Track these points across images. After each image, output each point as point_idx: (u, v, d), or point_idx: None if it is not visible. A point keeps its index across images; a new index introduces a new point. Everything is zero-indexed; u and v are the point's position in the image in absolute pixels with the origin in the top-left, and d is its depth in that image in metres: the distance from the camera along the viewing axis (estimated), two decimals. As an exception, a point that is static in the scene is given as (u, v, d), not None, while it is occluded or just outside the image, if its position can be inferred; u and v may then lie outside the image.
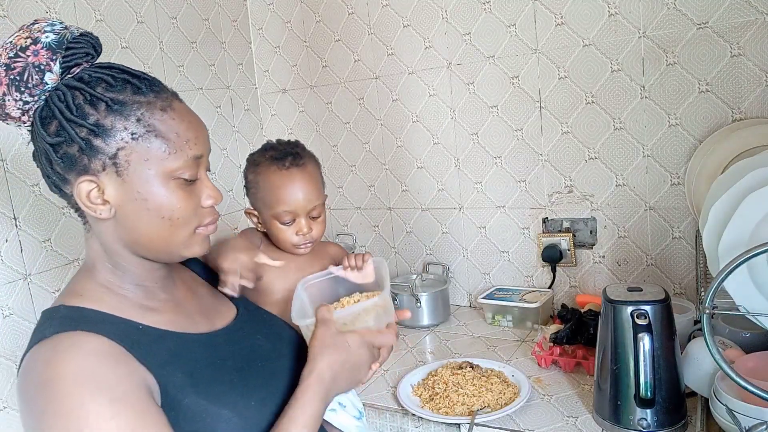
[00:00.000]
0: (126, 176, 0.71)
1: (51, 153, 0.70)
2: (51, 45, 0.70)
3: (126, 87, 0.72)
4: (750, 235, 1.05)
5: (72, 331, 0.68)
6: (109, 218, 0.73)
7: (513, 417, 1.25)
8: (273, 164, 1.12)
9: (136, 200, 0.72)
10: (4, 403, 1.40)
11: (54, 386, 0.64)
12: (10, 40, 0.70)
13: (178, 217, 0.74)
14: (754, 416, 0.99)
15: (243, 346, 0.84)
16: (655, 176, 1.59)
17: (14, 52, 0.69)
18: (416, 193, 2.00)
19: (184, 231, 0.75)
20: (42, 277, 1.48)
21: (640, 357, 1.08)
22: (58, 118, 0.70)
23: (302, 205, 1.10)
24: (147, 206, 0.72)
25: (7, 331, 1.41)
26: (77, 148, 0.70)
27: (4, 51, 0.70)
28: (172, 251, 0.77)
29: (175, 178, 0.73)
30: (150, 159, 0.71)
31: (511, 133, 1.77)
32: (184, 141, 0.74)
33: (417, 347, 1.69)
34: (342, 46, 2.03)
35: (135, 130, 0.70)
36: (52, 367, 0.65)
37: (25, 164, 1.45)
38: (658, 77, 1.53)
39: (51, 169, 0.72)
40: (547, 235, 1.77)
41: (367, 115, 2.03)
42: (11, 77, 0.69)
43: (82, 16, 1.61)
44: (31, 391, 0.66)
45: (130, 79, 0.72)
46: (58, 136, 0.70)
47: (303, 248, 1.13)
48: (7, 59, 0.69)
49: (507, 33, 1.72)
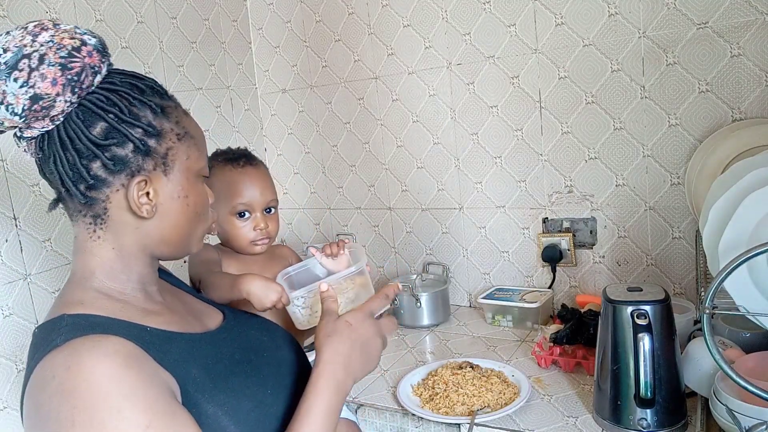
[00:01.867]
0: (171, 175, 0.75)
1: (99, 155, 0.69)
2: (98, 47, 0.69)
3: (154, 93, 0.75)
4: (750, 235, 1.05)
5: (86, 335, 0.65)
6: (149, 217, 0.74)
7: (513, 417, 1.25)
8: (227, 164, 1.18)
9: (179, 197, 0.76)
10: (4, 403, 1.40)
11: (82, 394, 0.60)
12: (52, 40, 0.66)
13: (203, 212, 0.80)
14: (754, 416, 0.99)
15: (244, 341, 0.85)
16: (655, 176, 1.59)
17: (67, 52, 0.66)
18: (416, 193, 2.00)
19: (203, 226, 0.81)
20: (42, 277, 1.48)
21: (640, 357, 1.07)
22: (108, 119, 0.69)
23: (258, 198, 1.15)
24: (187, 202, 0.77)
25: (7, 331, 1.41)
26: (132, 148, 0.71)
27: (50, 50, 0.65)
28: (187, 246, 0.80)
29: (202, 176, 0.80)
30: (190, 157, 0.77)
31: (511, 133, 1.77)
32: (204, 141, 0.80)
33: (417, 347, 1.69)
34: (342, 46, 2.03)
35: (178, 131, 0.76)
36: (76, 374, 0.61)
37: (25, 164, 1.45)
38: (658, 77, 1.53)
39: (88, 174, 0.70)
40: (547, 235, 1.77)
41: (367, 115, 2.03)
42: (68, 77, 0.66)
43: (82, 16, 1.61)
44: (54, 402, 0.60)
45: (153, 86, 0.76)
46: (109, 138, 0.70)
47: (260, 245, 1.17)
48: (59, 59, 0.65)
49: (507, 33, 1.72)
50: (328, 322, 0.83)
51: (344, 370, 0.79)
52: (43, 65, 0.64)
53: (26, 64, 0.64)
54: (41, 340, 0.67)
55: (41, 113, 0.66)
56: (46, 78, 0.64)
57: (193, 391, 0.70)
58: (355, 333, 0.82)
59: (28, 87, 0.64)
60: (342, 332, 0.81)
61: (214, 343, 0.81)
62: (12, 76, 0.63)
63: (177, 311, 0.83)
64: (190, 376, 0.71)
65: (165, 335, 0.74)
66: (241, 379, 0.77)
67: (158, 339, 0.72)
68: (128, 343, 0.66)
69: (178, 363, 0.71)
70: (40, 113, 0.66)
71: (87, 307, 0.71)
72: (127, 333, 0.68)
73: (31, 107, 0.65)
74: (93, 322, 0.68)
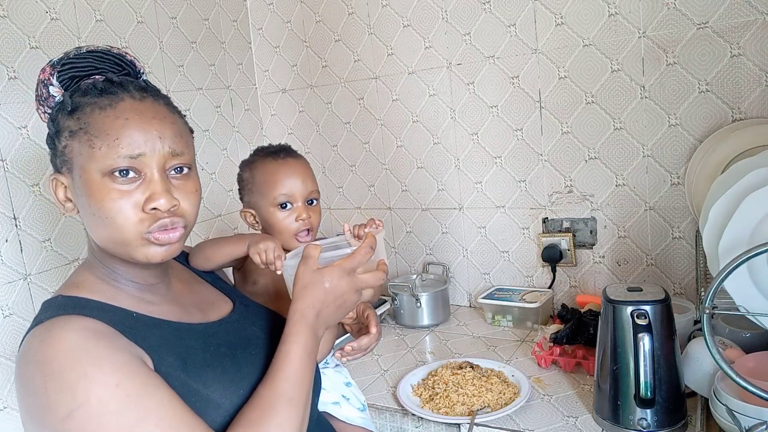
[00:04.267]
0: (74, 172, 0.73)
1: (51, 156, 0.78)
2: (53, 62, 0.77)
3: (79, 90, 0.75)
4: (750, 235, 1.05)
5: (67, 315, 0.70)
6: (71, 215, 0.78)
7: (513, 417, 1.25)
8: (268, 157, 1.17)
9: (81, 197, 0.74)
10: (4, 403, 1.40)
11: (53, 362, 0.65)
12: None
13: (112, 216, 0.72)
14: (754, 416, 0.99)
15: (237, 336, 0.86)
16: (655, 176, 1.59)
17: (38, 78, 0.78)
18: (416, 193, 2.00)
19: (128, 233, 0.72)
20: (42, 277, 1.48)
21: (640, 357, 1.07)
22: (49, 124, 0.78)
23: (300, 189, 1.12)
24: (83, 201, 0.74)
25: (7, 331, 1.41)
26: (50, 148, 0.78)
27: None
28: (126, 252, 0.75)
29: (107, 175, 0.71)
30: (83, 154, 0.72)
31: (511, 133, 1.77)
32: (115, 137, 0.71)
33: (417, 347, 1.69)
34: (342, 46, 2.03)
35: (73, 127, 0.73)
36: (48, 345, 0.66)
37: (25, 164, 1.45)
38: (658, 77, 1.53)
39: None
40: (547, 235, 1.77)
41: (367, 115, 2.03)
42: (35, 96, 0.80)
43: (82, 16, 1.61)
44: (30, 371, 0.66)
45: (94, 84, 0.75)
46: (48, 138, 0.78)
47: (302, 236, 1.13)
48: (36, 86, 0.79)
49: (507, 33, 1.72)
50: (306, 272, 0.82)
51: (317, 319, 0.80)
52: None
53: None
54: (36, 317, 0.74)
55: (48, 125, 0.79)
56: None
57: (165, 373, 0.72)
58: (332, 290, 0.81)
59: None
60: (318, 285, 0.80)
61: (205, 335, 0.82)
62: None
63: (179, 302, 0.85)
64: (165, 361, 0.73)
65: (151, 321, 0.77)
66: (217, 374, 0.77)
67: (141, 324, 0.75)
68: (100, 323, 0.70)
69: (156, 348, 0.73)
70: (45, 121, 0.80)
71: (82, 290, 0.76)
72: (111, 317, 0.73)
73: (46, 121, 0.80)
74: (81, 304, 0.73)
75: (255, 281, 1.12)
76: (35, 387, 0.65)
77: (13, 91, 1.44)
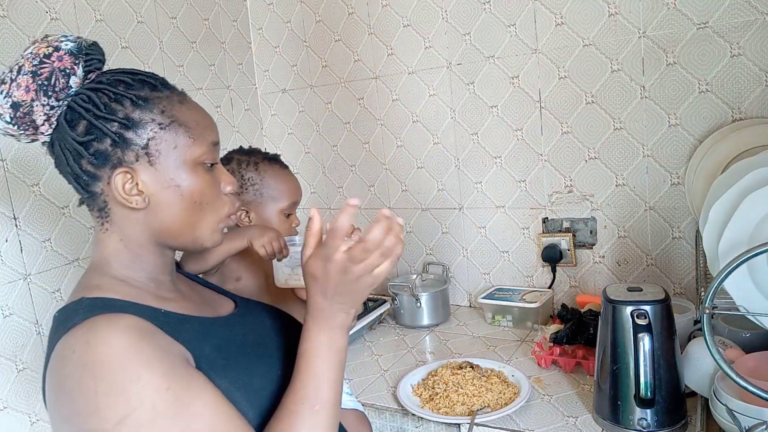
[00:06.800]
0: (158, 165, 0.75)
1: (82, 151, 0.73)
2: (72, 51, 0.74)
3: (144, 85, 0.76)
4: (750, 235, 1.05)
5: (103, 314, 0.68)
6: (142, 208, 0.75)
7: (513, 417, 1.25)
8: (274, 163, 1.24)
9: (170, 187, 0.75)
10: (4, 403, 1.40)
11: (102, 365, 0.63)
12: (30, 51, 0.73)
13: (207, 201, 0.78)
14: (754, 416, 0.99)
15: (256, 326, 0.88)
16: (655, 176, 1.59)
17: (38, 60, 0.72)
18: (416, 193, 2.00)
19: (211, 218, 0.79)
20: (42, 277, 1.48)
21: (640, 357, 1.08)
22: (87, 117, 0.73)
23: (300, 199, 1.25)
24: (180, 192, 0.76)
25: (7, 331, 1.41)
26: (110, 142, 0.73)
27: (27, 61, 0.72)
28: (197, 238, 0.79)
29: (200, 164, 0.78)
30: (178, 146, 0.75)
31: (511, 133, 1.77)
32: (203, 128, 0.78)
33: (417, 347, 1.69)
34: (342, 46, 2.03)
35: (161, 120, 0.75)
36: (95, 347, 0.64)
37: (25, 164, 1.45)
38: (658, 77, 1.53)
39: (81, 170, 0.74)
40: (547, 235, 1.77)
41: (367, 115, 2.03)
42: (39, 83, 0.71)
43: (82, 16, 1.61)
44: (76, 375, 0.63)
45: (145, 79, 0.77)
46: (88, 134, 0.73)
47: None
48: (32, 67, 0.72)
49: (507, 33, 1.72)
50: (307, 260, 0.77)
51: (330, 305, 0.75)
52: (19, 75, 0.72)
53: (8, 76, 0.72)
54: (61, 322, 0.71)
55: (26, 119, 0.73)
56: (20, 86, 0.71)
57: (206, 368, 0.72)
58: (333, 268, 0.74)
59: (8, 96, 0.72)
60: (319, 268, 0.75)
61: (227, 326, 0.84)
62: None
63: (191, 299, 0.86)
64: (204, 353, 0.74)
65: (178, 317, 0.77)
66: (253, 359, 0.79)
67: (172, 320, 0.75)
68: (142, 320, 0.69)
69: (191, 341, 0.73)
70: (26, 119, 0.73)
71: (104, 291, 0.75)
72: (142, 313, 0.71)
73: (15, 114, 0.72)
74: (110, 304, 0.72)
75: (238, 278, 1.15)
76: (82, 391, 0.63)
77: (13, 91, 1.44)
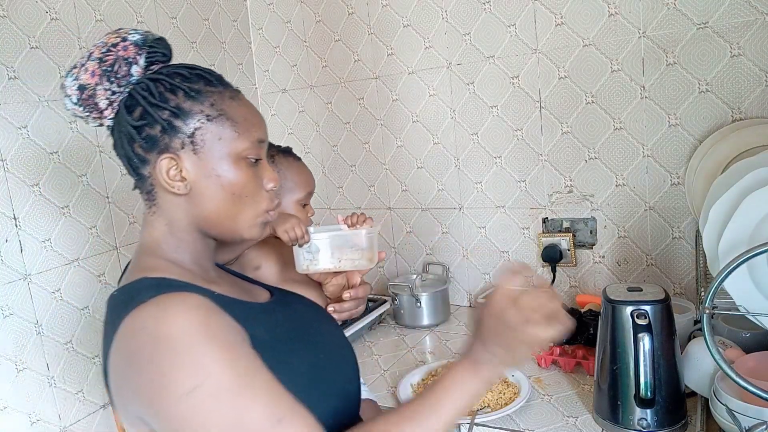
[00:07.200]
0: (202, 154, 0.78)
1: (135, 135, 0.78)
2: (137, 42, 0.80)
3: (199, 79, 0.80)
4: (750, 235, 1.05)
5: (169, 292, 0.71)
6: (184, 194, 0.79)
7: (513, 417, 1.25)
8: (288, 156, 1.25)
9: (211, 177, 0.79)
10: (4, 403, 1.40)
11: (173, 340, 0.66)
12: (102, 41, 0.80)
13: (246, 195, 0.81)
14: (754, 416, 0.99)
15: (294, 313, 0.92)
16: (655, 176, 1.59)
17: (106, 48, 0.79)
18: (416, 193, 2.00)
19: (250, 211, 0.82)
20: (42, 277, 1.48)
21: (640, 357, 1.07)
22: (142, 104, 0.78)
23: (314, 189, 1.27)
24: (220, 182, 0.79)
25: (7, 331, 1.41)
26: (159, 128, 0.78)
27: (96, 49, 0.79)
28: (236, 229, 0.82)
29: (243, 158, 0.80)
30: (223, 138, 0.79)
31: (511, 133, 1.77)
32: (250, 125, 0.81)
33: (417, 347, 1.69)
34: (342, 46, 2.03)
35: (210, 112, 0.79)
36: (166, 323, 0.67)
37: (25, 164, 1.45)
38: (658, 77, 1.53)
39: (133, 152, 0.79)
40: (547, 235, 1.77)
41: (367, 115, 2.03)
42: (103, 68, 0.78)
43: (82, 16, 1.61)
44: (147, 349, 0.66)
45: (202, 74, 0.81)
46: (141, 120, 0.78)
47: None
48: (99, 54, 0.79)
49: (507, 33, 1.72)
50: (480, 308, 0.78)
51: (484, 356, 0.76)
52: (88, 61, 0.79)
53: (79, 62, 0.79)
54: (124, 301, 0.73)
55: (90, 101, 0.79)
56: (87, 70, 0.78)
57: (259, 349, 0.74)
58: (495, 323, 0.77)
59: (76, 79, 0.79)
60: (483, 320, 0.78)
61: (269, 313, 0.87)
62: (70, 73, 0.80)
63: (232, 285, 0.90)
64: (256, 335, 0.76)
65: (228, 299, 0.81)
66: (297, 343, 0.83)
67: (224, 301, 0.78)
68: (207, 299, 0.72)
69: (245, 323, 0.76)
70: (89, 101, 0.79)
71: (161, 272, 0.78)
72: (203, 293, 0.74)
73: (81, 96, 0.79)
74: (172, 283, 0.76)
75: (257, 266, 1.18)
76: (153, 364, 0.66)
77: (13, 91, 1.44)
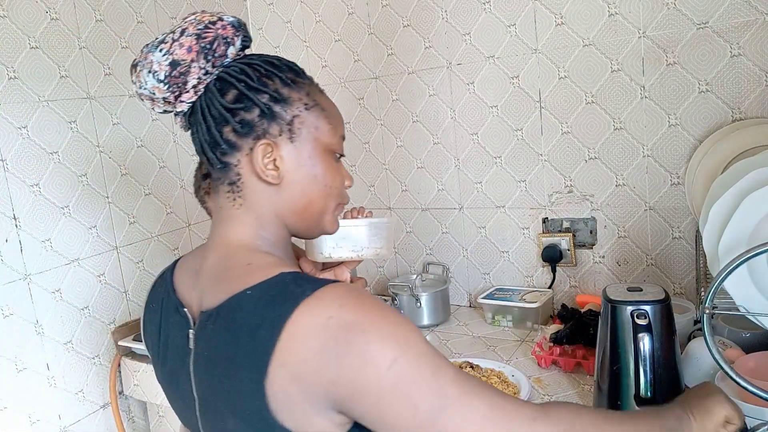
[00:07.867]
0: (298, 143, 0.77)
1: (229, 119, 0.75)
2: (234, 24, 0.77)
3: (290, 70, 0.79)
4: (750, 235, 1.05)
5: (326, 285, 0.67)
6: (276, 183, 0.76)
7: (513, 417, 1.24)
8: None
9: (305, 166, 0.77)
10: (4, 403, 1.40)
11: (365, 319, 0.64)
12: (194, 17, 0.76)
13: (336, 186, 0.80)
14: (754, 416, 0.99)
15: None
16: (655, 176, 1.59)
17: (203, 25, 0.75)
18: (416, 193, 2.00)
19: (334, 203, 0.81)
20: (42, 277, 1.48)
21: (640, 357, 1.07)
22: (239, 87, 0.75)
23: None
24: (315, 171, 0.78)
25: (7, 331, 1.41)
26: (258, 112, 0.75)
27: (190, 25, 0.75)
28: (322, 222, 0.82)
29: (330, 152, 0.80)
30: (319, 128, 0.78)
31: (511, 133, 1.77)
32: (339, 120, 0.82)
33: (417, 347, 1.69)
34: (342, 46, 2.03)
35: (307, 101, 0.78)
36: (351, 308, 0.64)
37: (25, 164, 1.45)
38: (658, 77, 1.53)
39: (221, 138, 0.75)
40: (547, 235, 1.77)
41: (367, 115, 2.03)
42: (202, 45, 0.74)
43: (82, 16, 1.61)
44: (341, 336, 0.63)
45: (291, 65, 0.80)
46: (237, 102, 0.75)
47: None
48: (196, 30, 0.74)
49: (507, 33, 1.72)
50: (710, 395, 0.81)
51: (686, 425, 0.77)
52: (182, 36, 0.74)
53: (170, 37, 0.74)
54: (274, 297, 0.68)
55: (180, 79, 0.74)
56: (183, 46, 0.74)
57: None
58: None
59: (168, 54, 0.74)
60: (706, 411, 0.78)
61: None
62: (158, 48, 0.74)
63: None
64: None
65: None
66: None
67: None
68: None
69: None
70: (179, 79, 0.74)
71: (284, 267, 0.73)
72: None
73: (171, 73, 0.74)
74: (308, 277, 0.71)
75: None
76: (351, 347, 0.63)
77: (13, 91, 1.44)
